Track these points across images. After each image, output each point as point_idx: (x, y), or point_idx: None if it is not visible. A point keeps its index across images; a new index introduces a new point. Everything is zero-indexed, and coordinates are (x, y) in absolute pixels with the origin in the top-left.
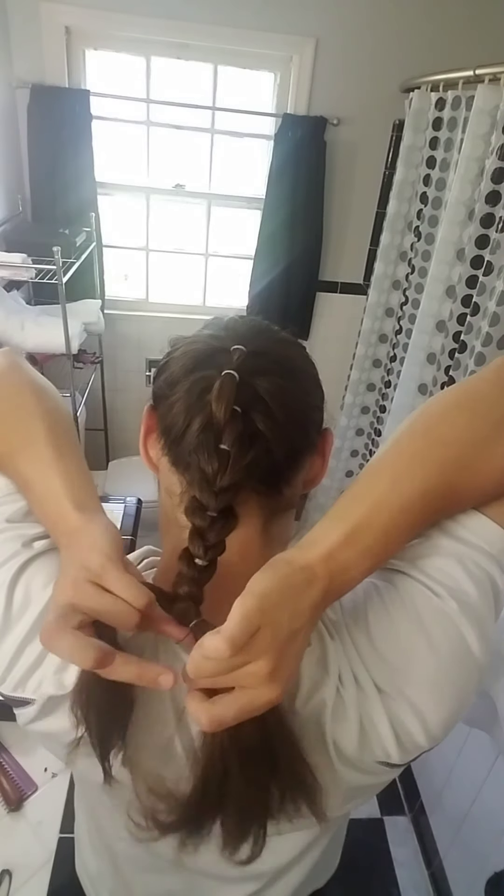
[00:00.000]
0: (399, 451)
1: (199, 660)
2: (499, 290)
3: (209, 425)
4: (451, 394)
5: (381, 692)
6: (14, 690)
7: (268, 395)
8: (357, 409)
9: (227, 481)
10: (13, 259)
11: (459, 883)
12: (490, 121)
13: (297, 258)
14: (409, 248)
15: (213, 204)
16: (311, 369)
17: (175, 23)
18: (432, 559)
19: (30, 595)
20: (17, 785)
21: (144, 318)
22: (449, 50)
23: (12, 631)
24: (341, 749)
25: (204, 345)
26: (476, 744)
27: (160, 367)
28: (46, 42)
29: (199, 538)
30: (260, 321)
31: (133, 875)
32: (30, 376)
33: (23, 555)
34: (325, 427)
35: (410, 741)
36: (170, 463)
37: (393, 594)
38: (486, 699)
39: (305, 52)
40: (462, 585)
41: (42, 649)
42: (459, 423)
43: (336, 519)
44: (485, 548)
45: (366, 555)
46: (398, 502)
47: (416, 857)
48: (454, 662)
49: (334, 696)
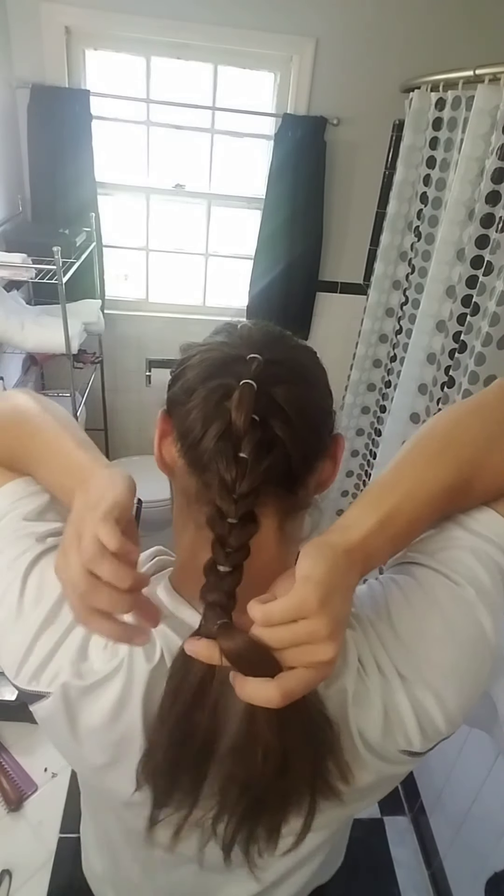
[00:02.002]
0: (421, 451)
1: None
2: (499, 290)
3: (227, 433)
4: (464, 404)
5: (403, 679)
6: (29, 683)
7: (285, 402)
8: (357, 409)
9: (247, 488)
10: (13, 259)
11: (459, 883)
12: (490, 121)
13: (297, 258)
14: (410, 248)
15: (213, 204)
16: (323, 376)
17: (175, 23)
18: (449, 551)
19: (43, 587)
20: (17, 785)
21: (144, 318)
22: (449, 50)
23: (26, 622)
24: (366, 737)
25: (219, 353)
26: (476, 744)
27: (175, 375)
28: (46, 42)
29: (221, 545)
30: (273, 327)
31: (140, 874)
32: (36, 397)
33: (36, 548)
34: (337, 432)
35: (432, 727)
36: (187, 465)
37: (412, 585)
38: (486, 699)
39: (305, 52)
40: (477, 574)
41: (57, 639)
42: (474, 427)
43: (369, 506)
44: (494, 539)
45: (391, 541)
46: (424, 495)
47: (416, 857)
48: (472, 647)
49: (354, 683)
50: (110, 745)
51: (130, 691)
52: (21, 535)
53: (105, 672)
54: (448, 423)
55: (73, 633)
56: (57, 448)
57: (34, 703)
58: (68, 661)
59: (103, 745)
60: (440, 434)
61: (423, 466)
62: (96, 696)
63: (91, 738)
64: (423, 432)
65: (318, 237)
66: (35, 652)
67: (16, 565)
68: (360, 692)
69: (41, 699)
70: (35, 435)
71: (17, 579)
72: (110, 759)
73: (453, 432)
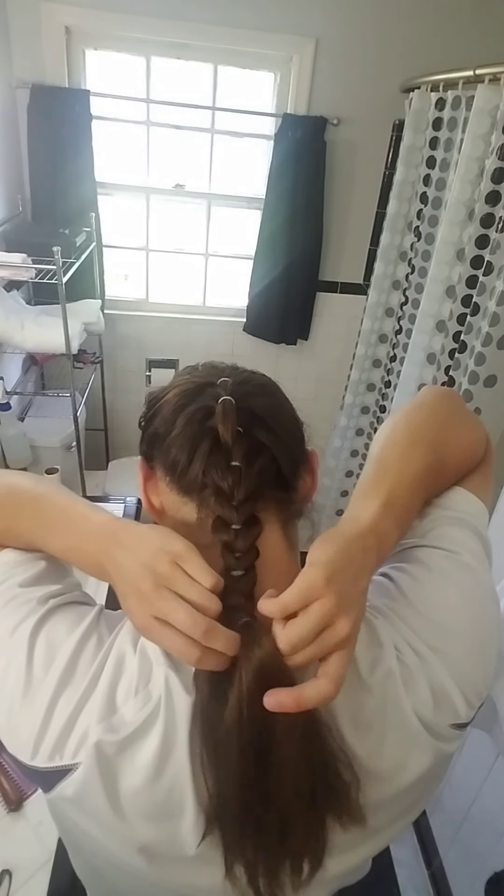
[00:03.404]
0: (393, 447)
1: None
2: (499, 290)
3: (217, 448)
4: (405, 411)
5: (437, 652)
6: (50, 760)
7: (263, 412)
8: (357, 409)
9: (244, 493)
10: (13, 259)
11: (459, 883)
12: (490, 121)
13: (297, 258)
14: (409, 248)
15: (213, 204)
16: (283, 393)
17: (175, 23)
18: (437, 529)
19: (53, 647)
20: (17, 785)
21: (144, 318)
22: (449, 50)
23: (39, 689)
24: (423, 718)
25: (190, 384)
26: (476, 744)
27: (148, 418)
28: (46, 42)
29: (230, 551)
30: (224, 362)
31: None
32: (29, 476)
33: (38, 610)
34: (311, 448)
35: (474, 691)
36: (179, 494)
37: (417, 565)
38: (486, 699)
39: (305, 52)
40: (466, 541)
41: (79, 698)
42: (427, 420)
43: (368, 495)
44: (468, 510)
45: (397, 523)
46: (411, 477)
47: (416, 857)
48: (484, 604)
49: (398, 664)
50: (155, 807)
51: (174, 733)
52: (20, 602)
53: (141, 719)
54: (403, 420)
55: (97, 689)
56: (73, 514)
57: (58, 783)
58: (95, 719)
59: (148, 812)
60: (402, 433)
61: (402, 456)
62: (136, 748)
63: (135, 805)
64: (384, 432)
65: (318, 237)
66: (54, 720)
67: (19, 632)
68: (405, 675)
69: (67, 774)
70: (39, 504)
71: (23, 646)
72: (156, 828)
73: (412, 429)
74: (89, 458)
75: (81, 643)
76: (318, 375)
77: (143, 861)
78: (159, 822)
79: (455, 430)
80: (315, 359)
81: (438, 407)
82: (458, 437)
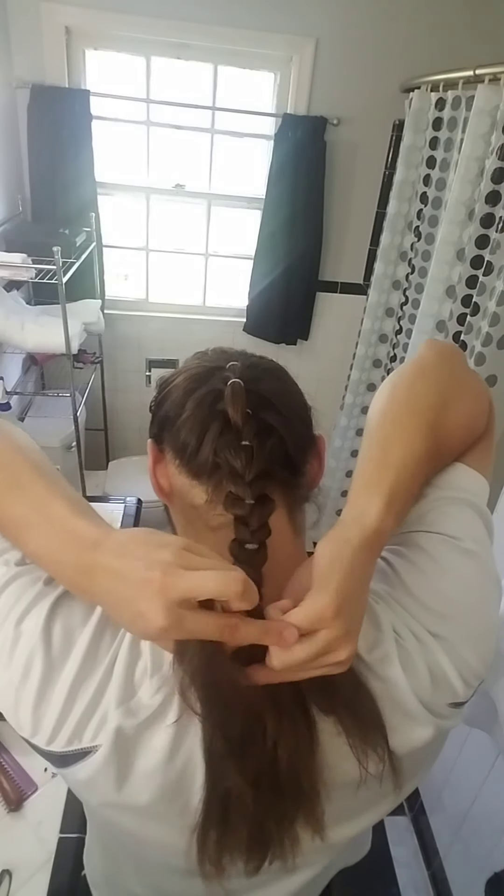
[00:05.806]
0: (394, 421)
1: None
2: (499, 290)
3: (227, 429)
4: (408, 371)
5: (437, 637)
6: (69, 744)
7: (271, 395)
8: (357, 409)
9: (256, 471)
10: (13, 259)
11: (459, 883)
12: (490, 121)
13: (297, 258)
14: (409, 248)
15: (213, 204)
16: (291, 377)
17: (175, 23)
18: (435, 512)
19: (71, 633)
20: (17, 785)
21: (144, 318)
22: (449, 50)
23: (59, 676)
24: (422, 698)
25: (199, 368)
26: (476, 744)
27: (159, 401)
28: (46, 42)
29: (244, 525)
30: (233, 347)
31: (147, 887)
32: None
33: (49, 594)
34: (318, 433)
35: (472, 673)
36: (188, 477)
37: (417, 551)
38: (486, 699)
39: (305, 52)
40: (468, 524)
41: (97, 686)
42: (427, 392)
43: (371, 489)
44: (467, 488)
45: (397, 517)
46: (414, 463)
47: (416, 857)
48: (484, 588)
49: (396, 648)
50: (160, 787)
51: (190, 714)
52: (23, 581)
53: (158, 702)
54: (403, 390)
55: (114, 673)
56: (48, 514)
57: (75, 763)
58: (114, 703)
59: (152, 788)
60: (402, 402)
61: (403, 435)
62: (153, 731)
63: (148, 785)
64: (384, 402)
65: (318, 237)
66: (76, 707)
67: (31, 619)
68: (403, 657)
69: (86, 756)
70: (18, 492)
71: (38, 634)
72: (158, 801)
73: (412, 401)
74: (89, 458)
75: (100, 628)
76: (319, 375)
77: (148, 826)
78: (168, 802)
79: (458, 406)
80: (315, 359)
81: (440, 377)
82: (461, 414)
